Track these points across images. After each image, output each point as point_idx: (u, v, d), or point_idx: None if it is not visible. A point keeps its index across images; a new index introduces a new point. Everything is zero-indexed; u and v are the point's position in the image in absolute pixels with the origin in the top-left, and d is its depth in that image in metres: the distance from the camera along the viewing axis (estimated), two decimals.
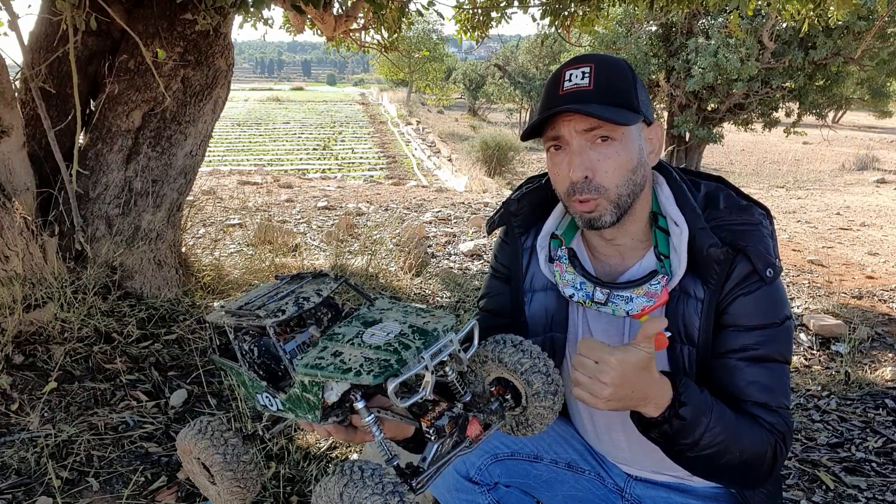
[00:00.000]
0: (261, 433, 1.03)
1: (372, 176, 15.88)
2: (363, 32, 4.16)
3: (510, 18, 4.44)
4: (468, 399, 0.94)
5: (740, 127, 11.40)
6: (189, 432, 0.98)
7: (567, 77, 1.10)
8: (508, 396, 0.96)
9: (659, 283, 1.11)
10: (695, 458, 1.05)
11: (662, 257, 1.14)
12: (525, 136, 1.17)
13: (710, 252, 1.10)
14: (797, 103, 10.76)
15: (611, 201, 1.10)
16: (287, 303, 0.90)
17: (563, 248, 1.22)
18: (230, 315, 0.93)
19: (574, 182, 1.10)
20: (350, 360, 0.80)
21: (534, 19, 4.24)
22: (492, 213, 1.37)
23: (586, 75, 1.08)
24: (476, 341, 0.90)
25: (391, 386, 0.77)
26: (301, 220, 6.07)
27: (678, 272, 1.12)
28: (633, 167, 1.11)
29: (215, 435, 0.96)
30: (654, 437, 1.05)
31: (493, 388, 0.96)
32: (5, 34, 2.37)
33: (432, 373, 0.80)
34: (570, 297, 1.18)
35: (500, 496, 1.29)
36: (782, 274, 4.68)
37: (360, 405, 0.84)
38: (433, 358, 0.80)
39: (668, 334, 1.13)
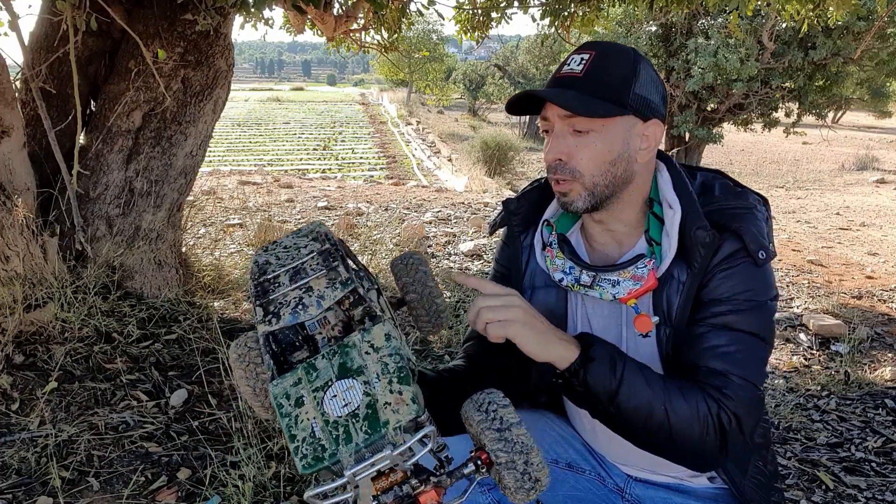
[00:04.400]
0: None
1: (372, 176, 15.88)
2: (363, 32, 4.16)
3: (510, 19, 4.44)
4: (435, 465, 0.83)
5: (740, 127, 11.40)
6: (234, 352, 0.93)
7: (568, 61, 1.13)
8: (484, 469, 0.83)
9: (645, 266, 1.12)
10: (621, 418, 1.03)
11: (654, 243, 1.15)
12: (509, 109, 1.20)
13: (696, 234, 1.10)
14: (797, 103, 10.76)
15: (585, 188, 1.12)
16: (289, 303, 0.85)
17: (554, 233, 1.23)
18: (253, 279, 0.91)
19: (548, 163, 1.14)
20: (301, 423, 0.77)
21: (534, 20, 4.25)
22: (493, 214, 1.40)
23: (583, 62, 1.10)
24: (425, 451, 0.77)
25: (305, 496, 0.74)
26: (301, 221, 6.07)
27: (668, 255, 1.12)
28: (613, 159, 1.11)
29: (250, 367, 0.92)
30: (577, 394, 1.04)
31: (472, 451, 0.86)
32: (6, 34, 2.37)
33: (356, 487, 0.74)
34: (560, 281, 1.19)
35: (500, 496, 1.29)
36: (783, 274, 4.70)
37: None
38: (356, 475, 0.74)
39: (656, 319, 1.14)
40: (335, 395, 0.78)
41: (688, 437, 1.01)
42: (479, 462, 0.81)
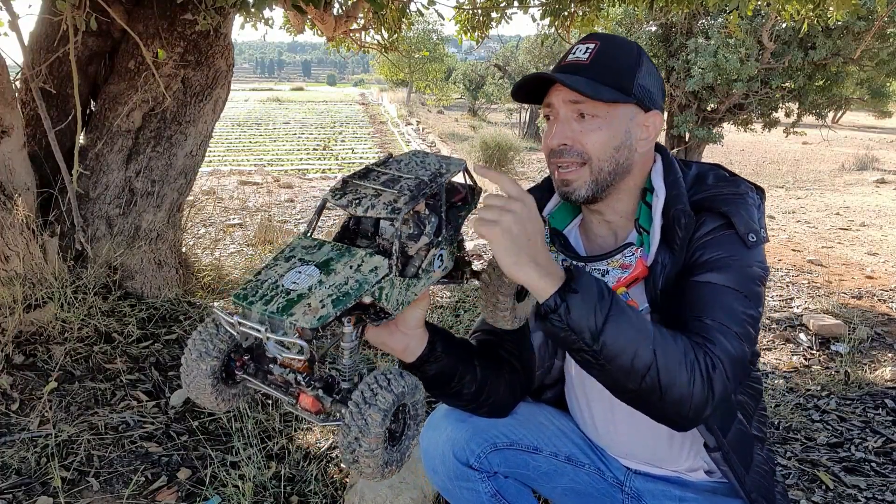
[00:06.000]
0: None
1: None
2: (363, 33, 4.16)
3: (510, 19, 4.44)
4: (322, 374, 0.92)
5: (740, 127, 11.39)
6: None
7: (573, 50, 1.15)
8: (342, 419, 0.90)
9: (633, 254, 1.13)
10: (605, 358, 0.95)
11: (643, 230, 1.16)
12: (515, 95, 1.20)
13: (673, 215, 1.11)
14: (797, 103, 10.74)
15: (591, 173, 1.13)
16: (358, 193, 0.93)
17: (547, 227, 1.25)
18: (378, 160, 1.01)
19: (552, 149, 1.14)
20: (271, 269, 0.90)
21: (534, 20, 4.25)
22: None
23: (588, 51, 1.13)
24: (284, 352, 0.86)
25: (215, 305, 0.91)
26: (301, 220, 6.07)
27: (654, 240, 1.13)
28: (617, 146, 1.13)
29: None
30: (557, 330, 0.95)
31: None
32: (6, 34, 2.37)
33: (239, 332, 0.88)
34: None
35: (499, 485, 1.30)
36: (783, 274, 4.70)
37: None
38: (241, 325, 0.85)
39: (645, 307, 1.14)
40: (300, 273, 0.88)
41: (677, 383, 0.95)
42: (344, 411, 0.88)
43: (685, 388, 0.95)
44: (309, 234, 0.96)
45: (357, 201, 0.92)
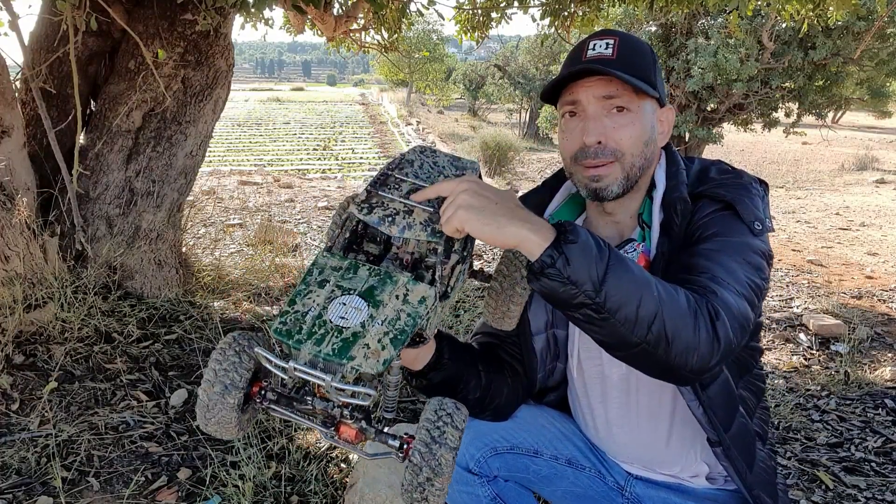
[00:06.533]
0: None
1: (372, 176, 15.81)
2: (363, 33, 4.16)
3: (510, 19, 4.44)
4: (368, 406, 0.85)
5: (740, 127, 11.38)
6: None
7: (591, 46, 1.13)
8: (401, 454, 0.86)
9: (635, 249, 1.14)
10: (608, 310, 0.88)
11: (645, 226, 1.17)
12: (544, 96, 1.18)
13: (670, 202, 1.12)
14: (797, 103, 10.74)
15: (623, 170, 1.13)
16: (387, 209, 0.88)
17: None
18: (388, 165, 0.95)
19: (586, 146, 1.12)
20: (307, 298, 0.83)
21: (534, 20, 4.25)
22: None
23: (610, 46, 1.12)
24: (355, 401, 0.80)
25: (256, 349, 0.83)
26: (301, 220, 6.07)
27: (655, 232, 1.14)
28: (646, 140, 1.13)
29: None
30: (554, 286, 0.89)
31: (407, 434, 0.88)
32: (6, 34, 2.37)
33: (290, 377, 0.81)
34: None
35: (499, 489, 1.30)
36: (783, 273, 4.70)
37: None
38: (295, 371, 0.78)
39: None
40: (344, 304, 0.82)
41: (683, 331, 0.90)
42: (403, 444, 0.85)
43: (692, 337, 0.90)
44: (333, 251, 0.90)
45: (390, 219, 0.87)
